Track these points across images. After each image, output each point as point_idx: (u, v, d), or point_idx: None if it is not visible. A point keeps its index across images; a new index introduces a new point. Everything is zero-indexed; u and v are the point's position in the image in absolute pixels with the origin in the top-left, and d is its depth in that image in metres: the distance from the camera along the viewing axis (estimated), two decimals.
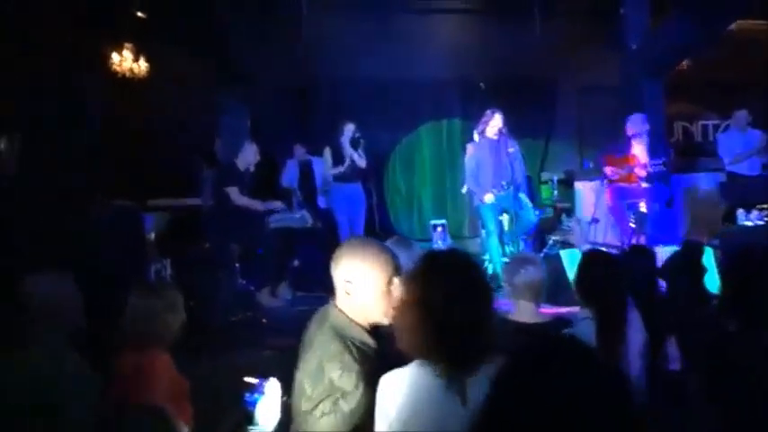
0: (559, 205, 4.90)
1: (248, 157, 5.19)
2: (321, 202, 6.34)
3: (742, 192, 5.31)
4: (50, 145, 3.85)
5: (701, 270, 1.76)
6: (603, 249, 3.02)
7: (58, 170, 3.82)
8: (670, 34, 6.22)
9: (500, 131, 5.30)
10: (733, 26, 6.70)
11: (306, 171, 6.57)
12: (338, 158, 5.70)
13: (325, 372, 1.58)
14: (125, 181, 5.21)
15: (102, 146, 4.90)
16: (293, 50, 6.94)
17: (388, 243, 2.30)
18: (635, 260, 2.55)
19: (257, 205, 5.04)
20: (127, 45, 6.69)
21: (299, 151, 6.66)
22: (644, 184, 5.35)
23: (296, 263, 5.20)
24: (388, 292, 1.67)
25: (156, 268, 4.47)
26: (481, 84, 7.46)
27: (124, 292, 2.08)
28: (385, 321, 1.67)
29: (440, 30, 7.72)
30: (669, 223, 5.61)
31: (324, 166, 5.83)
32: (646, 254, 2.59)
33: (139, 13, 6.32)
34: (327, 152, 5.78)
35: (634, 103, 6.06)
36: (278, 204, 5.23)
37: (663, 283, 2.72)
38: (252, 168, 5.23)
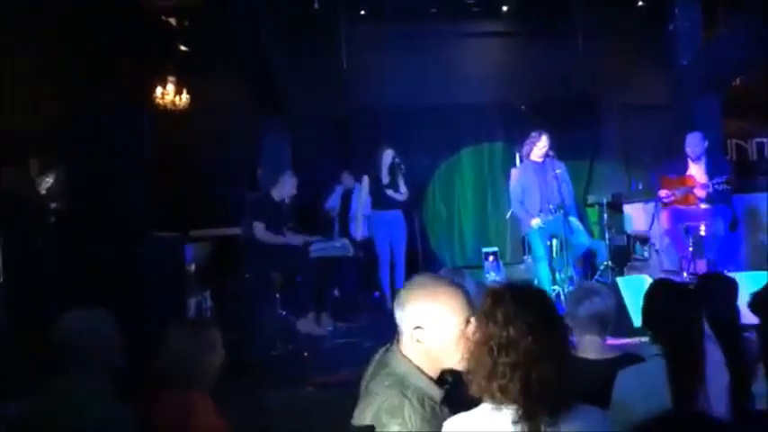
0: (634, 233, 4.66)
1: (285, 188, 5.15)
2: (357, 230, 6.26)
3: None
4: (99, 178, 3.86)
5: None
6: (671, 278, 2.78)
7: (107, 203, 3.81)
8: (724, 49, 5.97)
9: (546, 154, 5.14)
10: None
11: (348, 198, 6.51)
12: (378, 185, 5.61)
13: (384, 425, 1.42)
14: (168, 212, 5.23)
15: (149, 178, 4.95)
16: (333, 80, 6.97)
17: (443, 273, 2.16)
18: (712, 289, 2.31)
19: (279, 239, 4.98)
20: (170, 78, 6.84)
21: (347, 179, 6.63)
22: (703, 206, 5.05)
23: (336, 293, 5.08)
24: (464, 334, 1.48)
25: (197, 300, 4.41)
26: (522, 106, 7.31)
27: (164, 330, 1.97)
28: (459, 367, 1.48)
29: (479, 53, 7.67)
30: (731, 247, 5.26)
31: (362, 193, 5.74)
32: (724, 282, 2.35)
33: (183, 47, 6.46)
34: (365, 180, 5.70)
35: (686, 121, 5.81)
36: (300, 238, 5.13)
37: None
38: (287, 200, 5.19)
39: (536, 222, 5.07)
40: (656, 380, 1.93)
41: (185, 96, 7.13)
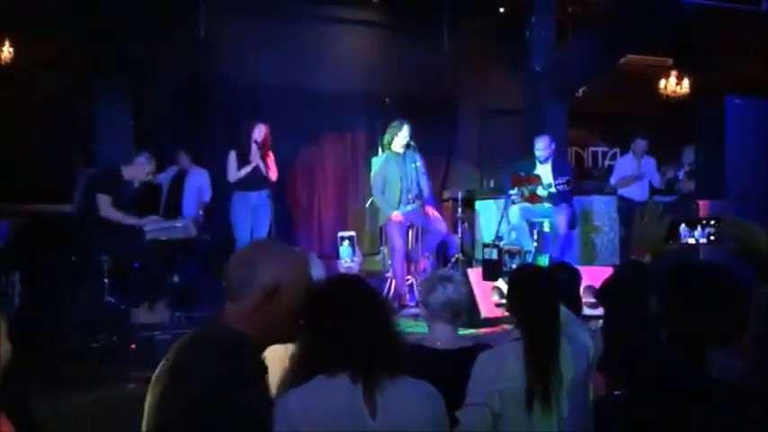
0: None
1: (138, 170, 4.56)
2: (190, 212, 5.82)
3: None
4: None
5: (644, 293, 1.57)
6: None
7: None
8: (572, 60, 6.41)
9: (407, 145, 5.14)
10: (622, 60, 7.06)
11: (182, 179, 6.02)
12: (244, 163, 5.19)
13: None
14: None
15: None
16: (188, 49, 6.37)
17: None
18: (560, 277, 2.35)
19: (130, 220, 4.43)
20: None
21: (184, 159, 6.08)
22: (547, 204, 5.35)
23: (176, 279, 4.58)
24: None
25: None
26: (387, 99, 7.30)
27: None
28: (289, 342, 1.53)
29: (346, 41, 7.52)
30: (569, 243, 5.65)
31: (229, 171, 5.26)
32: (570, 271, 2.41)
33: None
34: (233, 156, 5.23)
35: (536, 126, 6.14)
36: (144, 220, 4.61)
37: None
38: (137, 184, 4.63)
39: (396, 213, 5.05)
40: (513, 363, 1.93)
41: (8, 49, 6.16)
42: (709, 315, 1.43)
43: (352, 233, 5.62)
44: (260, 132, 5.21)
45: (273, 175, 5.27)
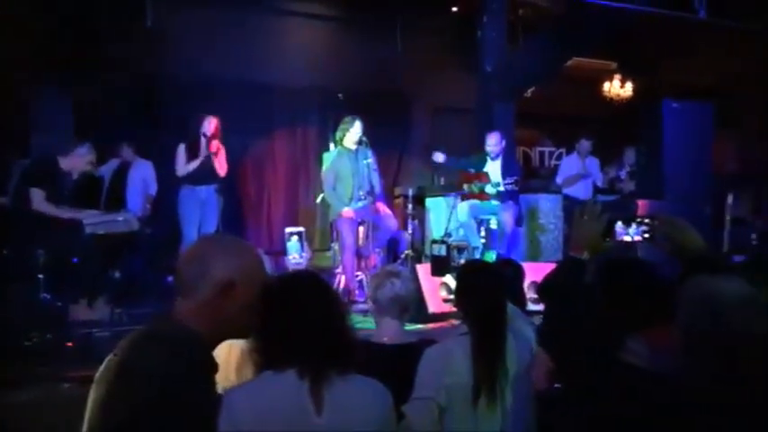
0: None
1: (76, 160, 4.37)
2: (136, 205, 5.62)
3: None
4: None
5: (583, 289, 1.63)
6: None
7: None
8: (521, 62, 6.54)
9: (360, 141, 5.13)
10: (569, 63, 7.26)
11: (125, 171, 5.82)
12: (193, 156, 5.06)
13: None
14: None
15: None
16: (134, 37, 6.14)
17: None
18: (505, 273, 2.39)
19: (66, 213, 4.25)
20: None
21: (126, 151, 5.88)
22: (494, 202, 5.45)
23: (117, 275, 4.42)
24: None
25: None
26: (339, 95, 7.25)
27: None
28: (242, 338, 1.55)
29: (299, 34, 7.40)
30: (516, 240, 5.78)
31: (178, 165, 5.12)
32: (515, 267, 2.45)
33: None
34: (182, 149, 5.10)
35: (487, 124, 6.24)
36: (94, 212, 4.45)
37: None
38: (75, 176, 4.44)
39: (347, 210, 5.04)
40: (460, 358, 1.95)
41: None
42: (628, 306, 1.58)
43: (301, 229, 5.59)
44: (210, 125, 5.10)
45: (223, 169, 5.16)
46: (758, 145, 6.94)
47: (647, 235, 1.82)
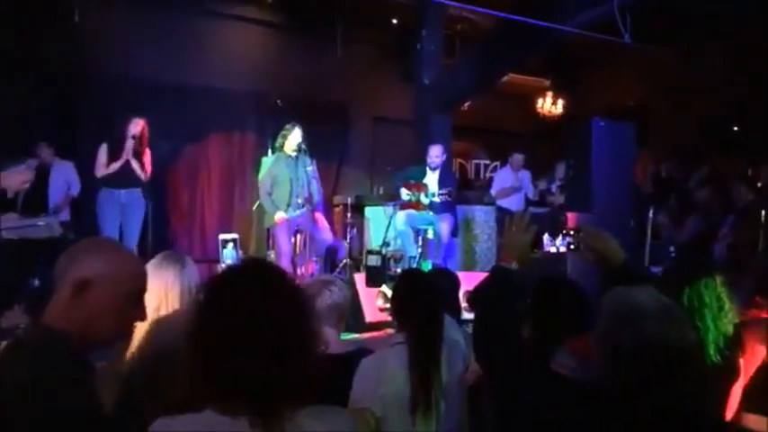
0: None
1: (12, 179, 4.11)
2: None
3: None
4: None
5: (514, 297, 1.69)
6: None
7: None
8: (458, 75, 6.69)
9: (299, 148, 5.09)
10: (505, 79, 7.50)
11: (46, 173, 5.53)
12: (115, 158, 4.88)
13: None
14: None
15: None
16: (59, 32, 5.84)
17: (156, 259, 1.87)
18: (441, 282, 2.43)
19: None
20: None
21: (46, 152, 5.58)
22: (430, 212, 5.53)
23: (36, 282, 4.16)
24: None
25: None
26: (278, 101, 7.17)
27: None
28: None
29: (237, 39, 7.29)
30: (451, 250, 5.87)
31: (97, 166, 4.94)
32: (450, 276, 2.50)
33: None
34: (103, 149, 4.92)
35: (425, 135, 6.35)
36: (12, 216, 4.19)
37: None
38: (10, 195, 4.18)
39: (280, 216, 4.98)
40: (395, 367, 1.96)
41: None
42: (557, 321, 1.74)
43: (235, 235, 5.47)
44: (136, 127, 4.96)
45: (146, 173, 5.01)
46: (673, 162, 7.39)
47: (572, 246, 1.90)
